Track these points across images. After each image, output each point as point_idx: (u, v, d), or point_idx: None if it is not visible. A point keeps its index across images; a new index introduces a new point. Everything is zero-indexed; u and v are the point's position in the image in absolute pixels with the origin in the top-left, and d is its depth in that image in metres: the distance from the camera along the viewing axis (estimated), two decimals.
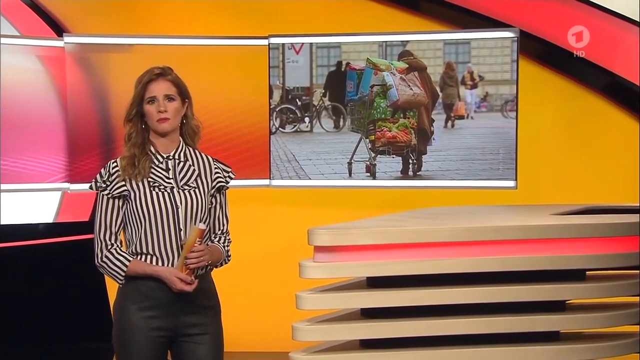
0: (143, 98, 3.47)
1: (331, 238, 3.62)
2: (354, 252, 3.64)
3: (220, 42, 6.00)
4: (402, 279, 3.70)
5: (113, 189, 3.45)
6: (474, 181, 5.80)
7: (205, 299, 3.49)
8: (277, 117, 6.04)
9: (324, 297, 3.66)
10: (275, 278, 5.95)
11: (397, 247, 3.66)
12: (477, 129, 5.83)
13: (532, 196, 5.73)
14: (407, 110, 5.87)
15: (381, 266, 3.64)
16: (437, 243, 3.69)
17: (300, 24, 6.09)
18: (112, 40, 5.95)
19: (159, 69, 3.51)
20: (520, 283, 3.76)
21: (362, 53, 5.92)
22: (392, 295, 3.68)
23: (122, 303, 3.46)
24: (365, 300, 3.70)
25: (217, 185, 3.56)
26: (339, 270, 3.65)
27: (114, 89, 5.89)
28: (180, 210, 3.44)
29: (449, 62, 5.82)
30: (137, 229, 3.44)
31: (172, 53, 5.86)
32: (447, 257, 3.70)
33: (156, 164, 3.48)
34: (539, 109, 5.90)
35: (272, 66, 6.00)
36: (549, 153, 5.91)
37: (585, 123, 5.87)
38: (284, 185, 6.03)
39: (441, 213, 4.37)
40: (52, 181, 5.88)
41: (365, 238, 3.64)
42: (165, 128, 3.47)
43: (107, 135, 5.92)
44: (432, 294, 3.71)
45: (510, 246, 3.75)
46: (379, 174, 5.92)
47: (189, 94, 3.55)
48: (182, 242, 3.41)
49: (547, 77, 5.90)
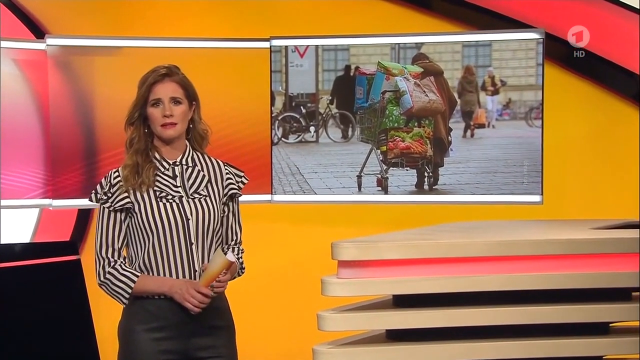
0: (147, 100, 3.45)
1: (358, 252, 3.60)
2: (382, 268, 3.63)
3: (216, 44, 5.96)
4: (431, 297, 3.67)
5: (115, 201, 3.43)
6: (496, 196, 5.76)
7: (218, 318, 3.46)
8: (280, 127, 6.01)
9: (348, 317, 3.62)
10: (283, 297, 5.95)
11: (429, 262, 3.65)
12: (499, 138, 5.81)
13: (559, 212, 5.69)
14: (422, 119, 5.85)
15: (411, 283, 3.63)
16: (471, 258, 3.69)
17: (304, 24, 6.07)
18: (98, 42, 5.89)
19: (165, 68, 3.49)
20: (559, 303, 3.74)
21: (372, 56, 5.89)
22: (424, 316, 3.65)
23: (128, 324, 3.42)
24: (394, 320, 3.66)
25: (230, 192, 3.54)
26: (365, 287, 3.64)
27: (100, 96, 5.84)
28: (191, 222, 3.41)
29: (468, 65, 5.80)
30: (142, 245, 3.41)
31: (164, 56, 5.72)
32: (482, 273, 3.70)
33: (162, 171, 3.45)
34: (566, 117, 5.88)
35: (274, 70, 5.96)
36: (578, 165, 5.89)
37: (617, 132, 5.85)
38: (287, 201, 5.99)
39: (472, 227, 4.36)
40: (31, 197, 5.82)
41: (394, 252, 3.62)
42: (170, 135, 3.45)
43: (92, 147, 5.87)
44: (465, 314, 3.71)
45: (551, 262, 3.74)
46: (391, 188, 5.89)
47: (197, 95, 3.54)
48: (203, 268, 3.37)
49: (574, 82, 5.88)
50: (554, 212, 5.68)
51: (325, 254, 6.07)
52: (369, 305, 3.77)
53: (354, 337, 3.75)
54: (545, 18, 5.84)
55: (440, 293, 3.66)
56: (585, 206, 5.82)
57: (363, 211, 6.05)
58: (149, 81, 3.46)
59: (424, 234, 3.99)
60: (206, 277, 3.34)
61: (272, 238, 6.18)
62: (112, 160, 5.72)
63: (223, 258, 3.33)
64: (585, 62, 5.83)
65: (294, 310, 5.94)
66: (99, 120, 5.85)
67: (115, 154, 5.76)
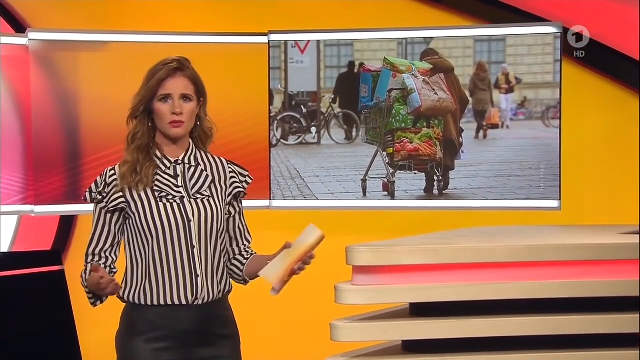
0: (155, 94, 3.41)
1: (374, 257, 3.58)
2: (400, 274, 3.61)
3: (210, 39, 5.97)
4: (451, 305, 3.64)
5: (109, 201, 3.41)
6: (510, 201, 5.77)
7: (223, 328, 3.44)
8: (279, 127, 6.02)
9: (363, 327, 3.59)
10: (287, 307, 5.87)
11: (450, 268, 3.62)
12: (514, 140, 5.83)
13: (579, 218, 5.70)
14: (432, 119, 5.85)
15: (432, 290, 3.61)
16: (495, 264, 3.66)
17: (305, 17, 6.09)
18: (83, 37, 5.89)
19: (176, 61, 3.45)
20: (588, 312, 3.72)
21: (378, 52, 5.90)
22: (444, 326, 3.62)
23: (127, 333, 3.39)
24: (412, 330, 3.63)
25: (234, 191, 3.53)
26: (382, 295, 3.62)
27: (86, 94, 5.85)
28: (192, 223, 3.39)
29: (480, 62, 5.82)
30: (143, 249, 3.39)
31: (154, 52, 5.75)
32: (507, 280, 3.67)
33: (162, 170, 3.42)
34: (586, 117, 5.91)
35: (272, 67, 5.98)
36: (599, 168, 5.91)
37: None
38: (286, 207, 5.99)
39: (492, 232, 4.34)
40: (11, 203, 5.78)
41: (413, 257, 3.60)
42: (178, 133, 3.43)
43: (76, 149, 5.86)
44: (488, 324, 3.68)
45: (581, 268, 3.72)
46: (398, 193, 5.89)
47: (205, 91, 3.51)
48: (289, 244, 3.37)
49: (594, 79, 5.89)
50: (572, 218, 5.68)
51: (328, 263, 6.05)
52: (385, 314, 3.74)
53: (368, 349, 3.71)
54: (562, 12, 5.84)
55: (461, 301, 3.62)
56: (607, 212, 5.82)
57: (368, 218, 6.05)
58: (159, 75, 3.41)
59: (443, 239, 3.96)
60: (302, 251, 3.29)
61: (270, 247, 6.09)
62: (98, 164, 5.71)
63: (319, 232, 3.29)
64: (606, 59, 5.83)
65: (297, 321, 5.99)
66: (84, 121, 5.86)
67: (101, 157, 5.74)
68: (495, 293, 3.65)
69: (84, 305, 3.51)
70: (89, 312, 3.61)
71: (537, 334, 3.68)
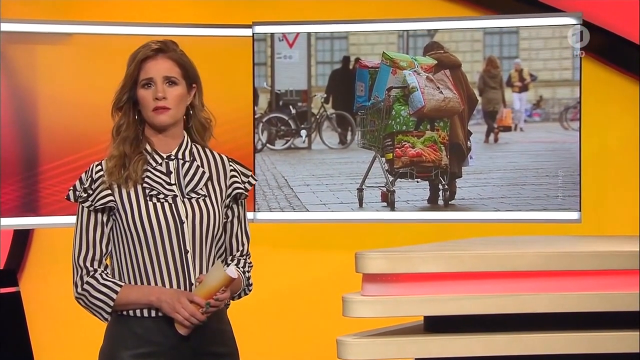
0: (137, 80, 3.44)
1: (387, 264, 3.55)
2: (415, 283, 3.58)
3: (187, 31, 5.99)
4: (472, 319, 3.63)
5: (96, 199, 3.43)
6: (525, 212, 5.80)
7: (219, 344, 3.48)
8: (264, 130, 6.05)
9: (375, 343, 3.57)
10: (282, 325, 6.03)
11: (470, 277, 3.60)
12: (529, 144, 5.86)
13: (600, 231, 5.75)
14: (436, 120, 5.88)
15: (451, 302, 3.58)
16: (521, 273, 3.64)
17: (294, 7, 6.14)
18: (42, 28, 5.89)
19: (160, 42, 3.53)
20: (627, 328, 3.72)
21: (376, 46, 5.93)
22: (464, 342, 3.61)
23: (113, 349, 3.41)
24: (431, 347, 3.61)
25: (234, 192, 3.56)
26: (395, 307, 3.58)
27: (44, 93, 5.86)
28: (185, 225, 3.42)
29: (490, 57, 5.85)
30: (127, 253, 3.42)
31: (124, 45, 5.70)
32: (533, 291, 3.66)
33: (153, 165, 3.44)
34: (608, 118, 5.96)
35: (257, 63, 6.00)
36: (623, 175, 5.94)
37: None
38: (272, 220, 5.99)
39: (515, 240, 4.33)
40: None
41: (431, 264, 3.57)
42: (163, 120, 3.45)
43: (34, 156, 5.84)
44: (513, 340, 3.65)
45: (615, 278, 3.70)
46: (399, 204, 5.91)
47: (198, 76, 3.57)
48: (198, 280, 3.37)
49: (617, 77, 5.94)
50: (594, 231, 5.74)
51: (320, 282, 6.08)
52: (397, 329, 3.72)
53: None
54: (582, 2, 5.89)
55: (484, 315, 3.62)
56: (632, 224, 5.83)
57: (365, 231, 6.08)
58: (138, 57, 3.48)
59: (461, 246, 3.96)
60: (201, 292, 3.32)
61: (255, 263, 6.15)
62: (58, 172, 5.71)
63: (222, 272, 3.32)
64: (630, 55, 5.88)
65: (300, 338, 6.06)
66: (43, 124, 5.85)
67: (62, 164, 5.73)
68: (521, 306, 3.63)
69: (42, 330, 3.51)
70: (48, 337, 3.61)
71: (572, 352, 3.68)
